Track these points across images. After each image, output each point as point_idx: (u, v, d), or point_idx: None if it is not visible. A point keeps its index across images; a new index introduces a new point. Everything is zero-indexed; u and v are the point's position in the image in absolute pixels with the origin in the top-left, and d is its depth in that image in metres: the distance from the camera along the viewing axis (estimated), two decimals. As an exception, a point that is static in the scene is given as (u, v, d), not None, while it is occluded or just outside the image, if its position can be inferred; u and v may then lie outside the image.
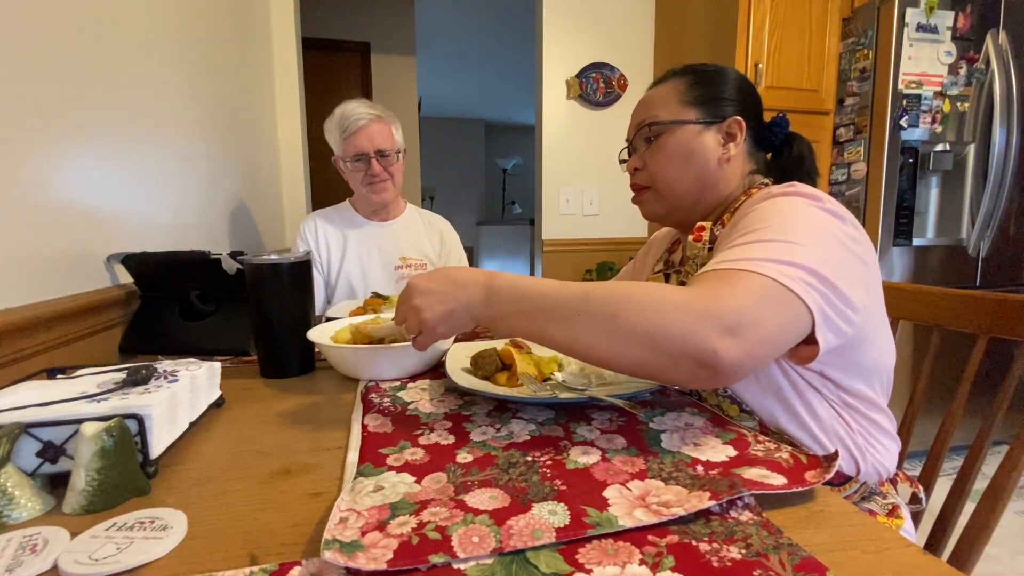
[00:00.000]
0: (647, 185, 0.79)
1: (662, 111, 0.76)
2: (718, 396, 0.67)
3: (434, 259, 1.51)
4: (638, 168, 0.80)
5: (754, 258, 0.52)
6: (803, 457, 0.45)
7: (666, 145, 0.75)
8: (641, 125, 0.77)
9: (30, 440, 0.42)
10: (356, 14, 3.26)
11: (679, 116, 0.74)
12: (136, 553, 0.34)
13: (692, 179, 0.75)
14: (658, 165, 0.76)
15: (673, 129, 0.74)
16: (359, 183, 1.39)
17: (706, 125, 0.74)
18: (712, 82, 0.75)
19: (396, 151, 1.38)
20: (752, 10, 1.91)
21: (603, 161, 2.48)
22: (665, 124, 0.75)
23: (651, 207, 0.81)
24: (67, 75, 0.83)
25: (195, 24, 1.38)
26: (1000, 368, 0.71)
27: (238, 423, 0.59)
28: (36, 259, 0.75)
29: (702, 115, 0.74)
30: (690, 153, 0.74)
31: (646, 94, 0.80)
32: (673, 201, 0.78)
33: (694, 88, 0.75)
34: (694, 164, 0.74)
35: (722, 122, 0.74)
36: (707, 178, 0.75)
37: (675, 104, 0.75)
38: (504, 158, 6.50)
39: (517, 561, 0.32)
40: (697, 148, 0.74)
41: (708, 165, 0.74)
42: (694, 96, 0.75)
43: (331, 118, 1.36)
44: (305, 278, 0.79)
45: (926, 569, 0.32)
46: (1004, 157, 1.90)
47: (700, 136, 0.74)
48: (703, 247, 0.73)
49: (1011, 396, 0.70)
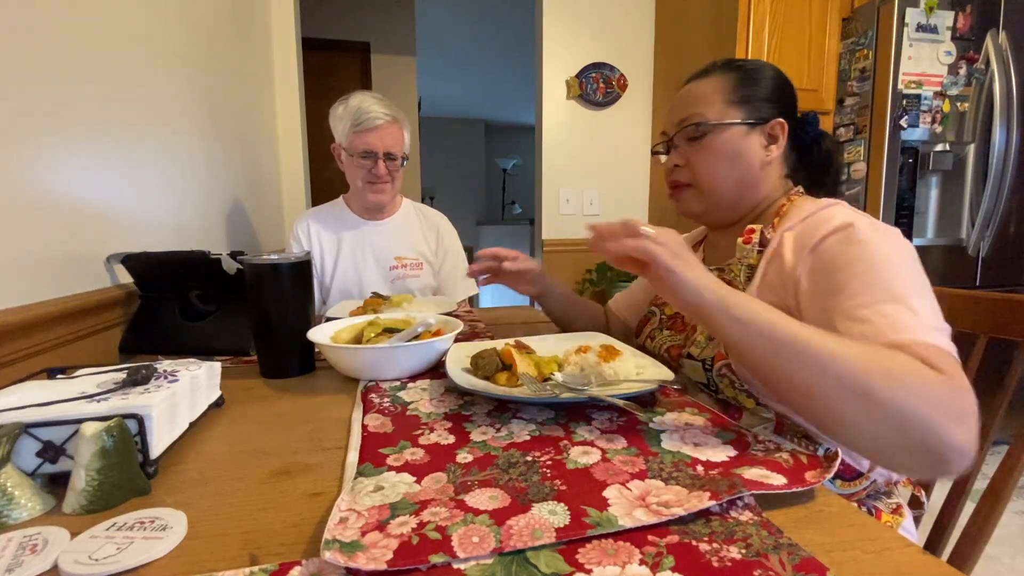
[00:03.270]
0: (688, 183, 0.78)
1: (708, 109, 0.74)
2: (735, 389, 0.68)
3: (430, 257, 1.48)
4: (678, 165, 0.78)
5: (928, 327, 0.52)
6: (803, 457, 0.45)
7: (712, 145, 0.74)
8: (686, 123, 0.76)
9: (30, 440, 0.42)
10: (356, 14, 3.26)
11: (726, 117, 0.73)
12: (136, 553, 0.34)
13: (735, 181, 0.74)
14: (703, 165, 0.75)
15: (720, 130, 0.73)
16: (359, 179, 1.36)
17: (751, 127, 0.73)
18: (756, 82, 0.75)
19: (402, 156, 1.37)
20: (752, 10, 1.91)
21: (603, 161, 2.48)
22: (712, 125, 0.73)
23: (689, 205, 0.80)
24: (67, 75, 0.83)
25: (195, 24, 1.38)
26: (1000, 368, 0.71)
27: (238, 423, 0.59)
28: (36, 259, 0.75)
29: (747, 116, 0.73)
30: (736, 155, 0.73)
31: (688, 87, 0.78)
32: (713, 201, 0.77)
33: (740, 88, 0.74)
34: (739, 166, 0.74)
35: (765, 124, 0.74)
36: (750, 180, 0.74)
37: (721, 103, 0.74)
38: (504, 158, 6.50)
39: (517, 561, 0.32)
40: (743, 150, 0.73)
41: (752, 168, 0.74)
42: (740, 96, 0.74)
43: (343, 105, 1.32)
44: (305, 278, 0.79)
45: (926, 569, 0.32)
46: (1004, 157, 1.90)
47: (746, 138, 0.73)
48: (752, 249, 0.71)
49: (1011, 396, 0.70)
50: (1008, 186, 1.92)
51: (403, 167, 1.39)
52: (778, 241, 0.68)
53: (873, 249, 0.58)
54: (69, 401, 0.46)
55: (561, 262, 2.49)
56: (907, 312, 0.53)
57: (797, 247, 0.65)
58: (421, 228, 1.50)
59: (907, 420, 0.44)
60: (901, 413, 0.44)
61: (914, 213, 1.92)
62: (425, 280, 1.46)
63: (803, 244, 0.64)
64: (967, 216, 1.96)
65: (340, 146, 1.36)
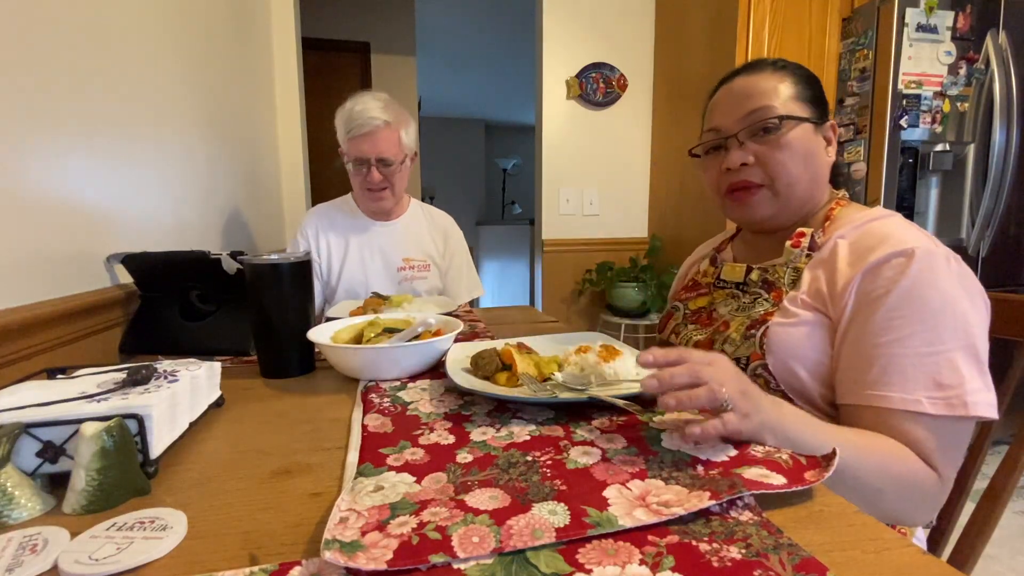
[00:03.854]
0: (760, 183, 0.71)
1: (777, 103, 0.69)
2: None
3: (437, 259, 1.47)
4: (746, 164, 0.71)
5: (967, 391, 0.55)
6: (802, 458, 0.45)
7: (789, 142, 0.68)
8: (757, 116, 0.69)
9: (30, 440, 0.42)
10: (356, 14, 3.26)
11: (797, 113, 0.69)
12: (136, 553, 0.34)
13: (809, 181, 0.70)
14: (780, 162, 0.69)
15: (795, 125, 0.68)
16: (358, 186, 1.35)
17: (817, 126, 0.70)
18: (810, 82, 0.72)
19: (401, 160, 1.32)
20: (752, 10, 1.91)
21: (603, 161, 2.48)
22: (791, 118, 0.68)
23: (760, 209, 0.72)
24: (67, 75, 0.83)
25: (195, 24, 1.38)
26: (1000, 368, 0.71)
27: (238, 423, 0.59)
28: (36, 259, 0.75)
29: (814, 115, 0.70)
30: (810, 153, 0.69)
31: (744, 81, 0.73)
32: (785, 204, 0.71)
33: (800, 85, 0.71)
34: (813, 165, 0.70)
35: (825, 124, 0.71)
36: (820, 181, 0.72)
37: (788, 98, 0.69)
38: (504, 158, 6.50)
39: (517, 561, 0.32)
40: (815, 149, 0.70)
41: (823, 168, 0.71)
42: (803, 94, 0.70)
43: (342, 109, 1.30)
44: (305, 278, 0.79)
45: (926, 569, 0.32)
46: (1004, 157, 1.90)
47: (815, 136, 0.70)
48: (801, 253, 0.69)
49: (1011, 396, 0.70)
50: (1008, 186, 1.92)
51: (405, 169, 1.35)
52: (831, 248, 0.66)
53: (926, 290, 0.57)
54: (69, 401, 0.46)
55: (561, 262, 2.49)
56: (947, 369, 0.56)
57: (853, 259, 0.63)
58: (428, 230, 1.49)
59: (891, 515, 0.56)
60: (892, 514, 0.56)
61: (914, 213, 1.92)
62: (432, 282, 1.46)
63: (859, 257, 0.62)
64: (967, 216, 1.96)
65: (343, 150, 1.34)
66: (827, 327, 0.64)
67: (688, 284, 0.91)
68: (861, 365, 0.60)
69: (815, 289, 0.66)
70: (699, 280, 0.88)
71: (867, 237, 0.64)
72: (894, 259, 0.59)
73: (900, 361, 0.57)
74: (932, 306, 0.57)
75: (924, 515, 0.59)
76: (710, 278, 0.85)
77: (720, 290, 0.81)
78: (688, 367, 0.48)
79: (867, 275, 0.61)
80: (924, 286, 0.57)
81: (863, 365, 0.59)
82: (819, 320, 0.64)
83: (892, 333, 0.58)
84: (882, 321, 0.59)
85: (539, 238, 2.52)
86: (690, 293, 0.87)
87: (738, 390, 0.47)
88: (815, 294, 0.65)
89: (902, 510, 0.57)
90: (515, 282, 5.51)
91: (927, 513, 0.59)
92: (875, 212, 0.68)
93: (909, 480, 0.55)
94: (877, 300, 0.59)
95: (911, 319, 0.57)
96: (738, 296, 0.76)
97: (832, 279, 0.64)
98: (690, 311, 0.83)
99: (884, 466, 0.54)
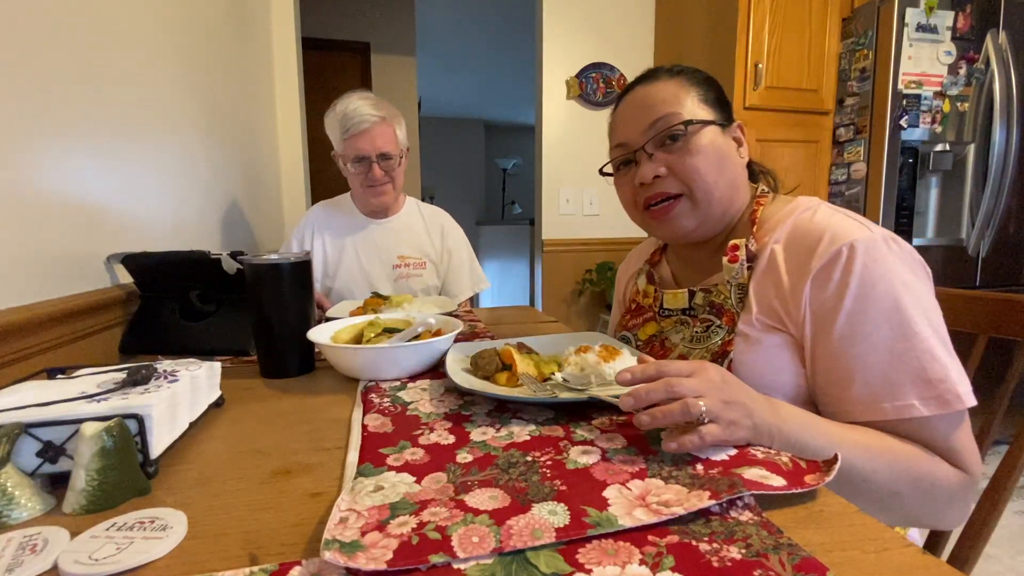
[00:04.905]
0: (678, 192, 0.69)
1: (681, 109, 0.68)
2: None
3: (434, 257, 1.47)
4: (659, 176, 0.69)
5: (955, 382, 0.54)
6: (802, 461, 0.45)
7: (699, 146, 0.67)
8: (662, 125, 0.68)
9: (30, 440, 0.42)
10: (356, 14, 3.26)
11: (702, 116, 0.68)
12: (136, 553, 0.34)
13: (727, 184, 0.69)
14: (693, 168, 0.67)
15: (702, 128, 0.67)
16: (359, 185, 1.35)
17: (723, 128, 0.69)
18: (710, 84, 0.72)
19: (399, 154, 1.34)
20: (752, 10, 1.91)
21: (603, 161, 2.47)
22: (697, 122, 0.67)
23: (681, 222, 0.70)
24: (67, 75, 0.83)
25: (195, 24, 1.38)
26: (1000, 368, 0.71)
27: (238, 423, 0.59)
28: (36, 259, 0.75)
29: (719, 117, 0.69)
30: (723, 155, 0.68)
31: (644, 91, 0.72)
32: (707, 211, 0.69)
33: (701, 88, 0.70)
34: (728, 168, 0.69)
35: (731, 125, 0.71)
36: (737, 183, 0.70)
37: (692, 102, 0.68)
38: (504, 158, 6.50)
39: (517, 561, 0.32)
40: (726, 151, 0.69)
41: (737, 168, 0.70)
42: (705, 96, 0.70)
43: (332, 111, 1.30)
44: (305, 278, 0.79)
45: (926, 569, 0.32)
46: (1004, 157, 1.90)
47: (724, 138, 0.69)
48: (741, 267, 0.66)
49: (1011, 396, 0.71)
50: (1008, 186, 1.92)
51: (402, 164, 1.37)
52: (768, 257, 0.64)
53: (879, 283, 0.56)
54: (69, 401, 0.46)
55: (561, 262, 2.49)
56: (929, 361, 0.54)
57: (793, 265, 0.61)
58: (425, 227, 1.49)
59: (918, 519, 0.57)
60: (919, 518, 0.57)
61: (914, 213, 1.92)
62: (428, 280, 1.46)
63: (800, 262, 0.61)
64: (967, 216, 1.96)
65: (337, 154, 1.35)
66: (792, 345, 0.62)
67: (631, 308, 0.86)
68: (841, 381, 0.58)
69: (767, 306, 0.63)
70: (641, 303, 0.84)
71: (801, 237, 0.62)
72: (836, 259, 0.57)
73: (879, 367, 0.55)
74: (891, 297, 0.55)
75: (956, 515, 0.56)
76: (651, 300, 0.81)
77: (666, 319, 0.77)
78: (664, 383, 0.46)
79: (815, 283, 0.59)
80: (876, 280, 0.56)
81: (843, 381, 0.57)
82: (783, 340, 0.62)
83: (861, 339, 0.56)
84: (846, 328, 0.57)
85: (539, 238, 2.52)
86: (636, 319, 0.83)
87: (720, 400, 0.46)
88: (769, 311, 0.63)
89: (931, 512, 0.55)
90: (515, 282, 5.51)
91: (958, 513, 0.56)
92: (797, 204, 0.66)
93: (929, 481, 0.53)
94: (833, 308, 0.57)
95: (875, 318, 0.55)
96: (688, 323, 0.73)
97: (780, 292, 0.62)
98: (642, 341, 0.79)
99: (898, 467, 0.52)
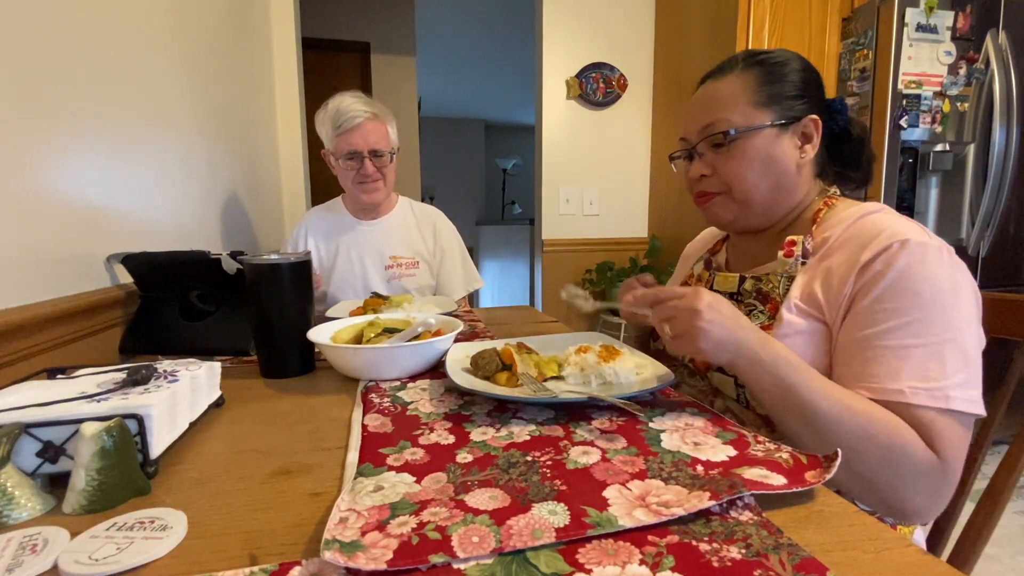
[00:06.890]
0: (717, 192, 0.73)
1: (733, 113, 0.69)
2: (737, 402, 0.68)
3: (427, 256, 1.47)
4: (705, 175, 0.73)
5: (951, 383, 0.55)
6: (803, 458, 0.45)
7: (743, 152, 0.69)
8: (710, 130, 0.71)
9: (30, 440, 0.42)
10: (356, 14, 3.26)
11: (755, 120, 0.68)
12: (136, 553, 0.34)
13: (769, 187, 0.70)
14: (734, 172, 0.70)
15: (749, 135, 0.68)
16: (349, 181, 1.35)
17: (782, 128, 0.69)
18: (783, 77, 0.69)
19: (390, 151, 1.34)
20: (752, 10, 1.91)
21: (603, 161, 2.48)
22: (742, 131, 0.68)
23: (719, 212, 0.74)
24: (67, 75, 0.83)
25: (195, 24, 1.38)
26: (1000, 368, 0.71)
27: (238, 423, 0.59)
28: (36, 259, 0.75)
29: (777, 117, 0.68)
30: (769, 160, 0.69)
31: (706, 89, 0.73)
32: (746, 208, 0.72)
33: (765, 86, 0.69)
34: (773, 171, 0.69)
35: (797, 123, 0.69)
36: (785, 185, 0.70)
37: (746, 105, 0.69)
38: (504, 158, 6.50)
39: (517, 561, 0.32)
40: (776, 154, 0.69)
41: (788, 172, 0.70)
42: (766, 96, 0.69)
43: (323, 110, 1.31)
44: (305, 278, 0.79)
45: (926, 569, 0.32)
46: (1004, 157, 1.90)
47: (778, 140, 0.69)
48: (795, 262, 0.68)
49: (1011, 396, 0.70)
50: (1008, 186, 1.92)
51: (393, 163, 1.37)
52: (824, 251, 0.66)
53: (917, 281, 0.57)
54: (69, 401, 0.46)
55: (561, 262, 2.49)
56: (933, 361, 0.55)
57: (845, 257, 0.63)
58: (417, 226, 1.49)
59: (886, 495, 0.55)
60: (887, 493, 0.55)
61: (914, 213, 1.92)
62: (422, 279, 1.46)
63: (852, 256, 0.62)
64: (967, 216, 1.96)
65: (328, 152, 1.35)
66: (821, 334, 0.64)
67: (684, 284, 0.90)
68: (850, 357, 0.60)
69: (809, 292, 0.65)
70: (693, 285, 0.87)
71: (860, 234, 0.63)
72: (886, 250, 0.59)
73: (886, 353, 0.57)
74: (923, 297, 0.56)
75: (923, 502, 0.55)
76: (704, 284, 0.84)
77: None
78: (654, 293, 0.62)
79: (860, 272, 0.60)
80: (915, 277, 0.57)
81: (851, 357, 0.60)
82: (816, 329, 0.64)
83: (880, 325, 0.58)
84: (870, 312, 0.59)
85: (539, 238, 2.52)
86: None
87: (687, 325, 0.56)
88: (809, 297, 0.64)
89: (894, 487, 0.55)
90: (515, 282, 5.51)
91: (926, 499, 0.55)
92: (866, 207, 0.67)
93: (899, 453, 0.54)
94: (864, 293, 0.60)
95: (900, 311, 0.57)
96: None
97: (827, 280, 0.63)
98: None
99: (869, 429, 0.54)
